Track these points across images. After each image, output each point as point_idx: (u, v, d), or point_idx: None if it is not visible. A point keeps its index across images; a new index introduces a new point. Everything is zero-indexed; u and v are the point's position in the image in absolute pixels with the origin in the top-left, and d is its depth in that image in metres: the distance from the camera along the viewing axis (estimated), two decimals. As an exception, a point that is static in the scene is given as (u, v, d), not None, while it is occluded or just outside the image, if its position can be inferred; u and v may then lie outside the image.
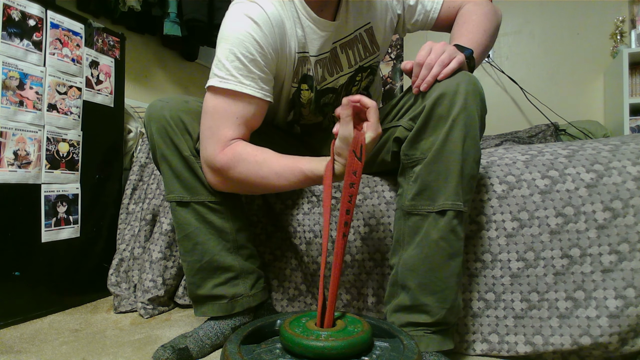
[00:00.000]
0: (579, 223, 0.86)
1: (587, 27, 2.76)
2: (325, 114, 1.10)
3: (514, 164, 0.94)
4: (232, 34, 0.85)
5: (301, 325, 0.71)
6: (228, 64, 0.84)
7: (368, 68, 1.07)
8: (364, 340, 0.67)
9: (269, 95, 0.89)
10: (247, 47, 0.84)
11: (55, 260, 1.27)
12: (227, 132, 0.85)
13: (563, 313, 0.85)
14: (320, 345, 0.63)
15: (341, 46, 1.00)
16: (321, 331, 0.68)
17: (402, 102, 0.91)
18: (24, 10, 1.17)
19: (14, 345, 1.00)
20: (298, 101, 1.03)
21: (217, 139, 0.85)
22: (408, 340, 0.71)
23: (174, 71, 2.62)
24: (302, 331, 0.68)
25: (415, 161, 0.81)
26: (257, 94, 0.86)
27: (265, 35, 0.85)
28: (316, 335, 0.66)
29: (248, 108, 0.86)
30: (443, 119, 0.76)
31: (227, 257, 0.95)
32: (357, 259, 1.05)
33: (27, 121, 1.18)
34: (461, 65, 0.80)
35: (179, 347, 0.86)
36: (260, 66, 0.86)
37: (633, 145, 0.91)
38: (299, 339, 0.65)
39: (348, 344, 0.64)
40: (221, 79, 0.84)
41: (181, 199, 0.93)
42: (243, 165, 0.84)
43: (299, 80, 0.99)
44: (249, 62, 0.84)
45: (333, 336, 0.66)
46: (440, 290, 0.79)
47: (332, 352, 0.63)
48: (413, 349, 0.67)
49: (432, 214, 0.78)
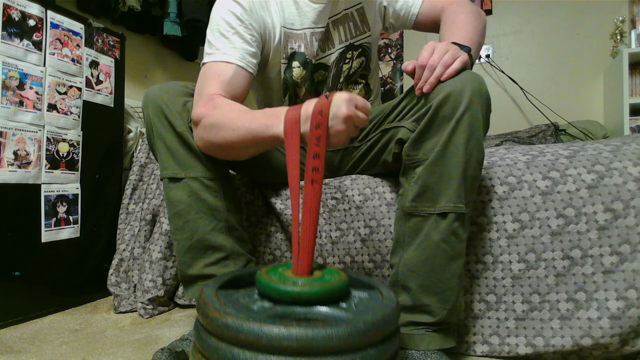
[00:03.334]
0: (580, 224, 0.86)
1: (587, 27, 2.76)
2: (319, 94, 1.10)
3: (515, 165, 0.94)
4: (216, 15, 0.95)
5: (278, 273, 0.70)
6: (214, 40, 0.94)
7: (359, 47, 1.10)
8: (339, 288, 0.66)
9: (252, 67, 0.94)
10: (228, 22, 0.93)
11: (55, 260, 1.27)
12: (211, 88, 0.89)
13: (564, 314, 0.85)
14: (296, 290, 0.63)
15: (333, 22, 1.06)
16: (297, 278, 0.68)
17: (403, 102, 0.90)
18: (24, 10, 1.17)
19: (14, 345, 1.00)
20: (291, 80, 1.06)
21: (202, 96, 0.88)
22: (387, 291, 0.70)
23: (174, 71, 2.62)
24: (279, 278, 0.67)
25: (418, 162, 0.80)
26: (238, 62, 0.92)
27: (245, 11, 0.94)
28: (292, 282, 0.66)
29: (231, 71, 0.91)
30: (447, 120, 0.76)
31: (218, 236, 0.93)
32: (357, 261, 1.04)
33: (27, 121, 1.18)
34: (465, 65, 0.79)
35: (177, 351, 0.86)
36: (245, 38, 0.94)
37: (634, 146, 0.91)
38: (275, 284, 0.64)
39: (323, 290, 0.64)
40: (208, 55, 0.93)
41: (174, 175, 0.92)
42: (217, 110, 0.84)
43: (288, 57, 1.03)
44: (231, 35, 0.93)
45: (309, 283, 0.66)
46: (441, 292, 0.79)
47: (308, 297, 0.63)
48: (392, 299, 0.66)
49: (433, 216, 0.78)
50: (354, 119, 0.71)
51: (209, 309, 0.57)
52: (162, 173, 0.94)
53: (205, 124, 0.84)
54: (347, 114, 0.69)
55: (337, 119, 0.70)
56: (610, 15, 2.67)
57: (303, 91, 1.09)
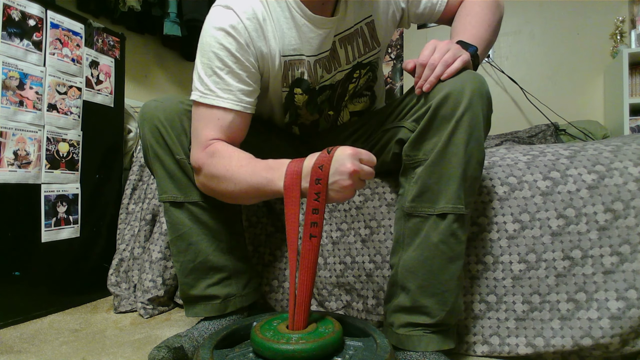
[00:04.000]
0: (580, 225, 0.86)
1: (587, 27, 2.76)
2: (322, 112, 1.07)
3: (515, 165, 0.94)
4: (207, 47, 0.85)
5: (272, 329, 0.71)
6: (207, 78, 0.85)
7: (367, 65, 1.03)
8: (334, 341, 0.67)
9: (250, 107, 0.88)
10: (222, 59, 0.83)
11: (55, 260, 1.27)
12: (209, 132, 0.84)
13: (564, 315, 0.85)
14: (290, 348, 0.64)
15: (340, 40, 0.96)
16: (292, 334, 0.68)
17: (404, 102, 0.89)
18: (24, 10, 1.17)
19: (14, 345, 0.99)
20: (292, 104, 1.00)
21: (199, 140, 0.85)
22: (381, 339, 0.71)
23: (174, 71, 2.62)
24: (273, 335, 0.68)
25: (417, 162, 0.80)
26: (235, 107, 0.85)
27: (241, 46, 0.84)
28: (286, 339, 0.66)
29: (229, 117, 0.85)
30: (447, 120, 0.75)
31: (220, 257, 0.94)
32: (357, 261, 1.04)
33: (27, 121, 1.18)
34: (466, 65, 0.78)
35: (174, 347, 0.85)
36: (240, 77, 0.85)
37: (635, 146, 0.91)
38: (269, 343, 0.65)
39: (318, 346, 0.64)
40: (201, 94, 0.85)
41: (174, 199, 0.92)
42: (215, 159, 0.82)
43: (289, 85, 0.95)
44: (225, 74, 0.84)
45: (303, 339, 0.66)
46: (440, 293, 0.78)
47: (302, 355, 0.63)
48: (385, 348, 0.67)
49: (432, 217, 0.78)
50: (360, 174, 0.70)
51: None
52: (161, 196, 0.94)
53: (206, 173, 0.84)
54: (353, 170, 0.69)
55: (343, 174, 0.69)
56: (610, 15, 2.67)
57: (304, 112, 1.04)
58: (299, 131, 1.10)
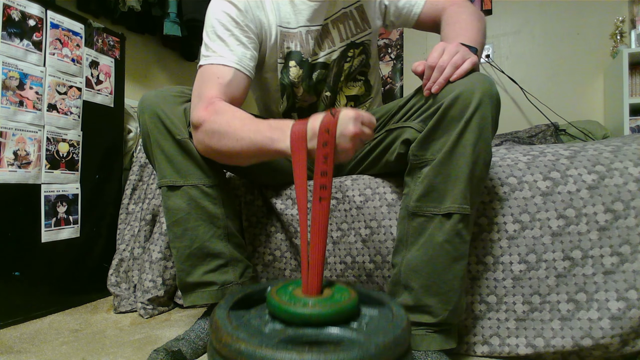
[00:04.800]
0: (581, 225, 0.86)
1: (587, 27, 2.76)
2: (319, 93, 1.09)
3: (515, 165, 0.94)
4: (211, 17, 0.94)
5: (288, 293, 0.70)
6: (211, 43, 0.92)
7: (360, 45, 1.09)
8: (350, 308, 0.66)
9: (248, 70, 0.93)
10: (223, 24, 0.92)
11: (55, 260, 1.27)
12: (210, 91, 0.88)
13: (565, 315, 0.85)
14: (307, 312, 0.63)
15: (332, 22, 1.05)
16: (308, 298, 0.68)
17: (410, 102, 0.89)
18: (24, 10, 1.17)
19: (14, 345, 0.99)
20: (288, 80, 1.04)
21: (202, 99, 0.87)
22: (397, 308, 0.70)
23: (174, 71, 2.62)
24: (289, 298, 0.68)
25: (424, 162, 0.80)
26: (235, 65, 0.91)
27: (241, 12, 0.93)
28: (303, 303, 0.66)
29: (228, 75, 0.90)
30: (456, 120, 0.75)
31: (217, 243, 0.94)
32: (358, 261, 1.04)
33: (27, 121, 1.18)
34: (474, 66, 0.79)
35: (172, 350, 0.86)
36: (241, 40, 0.93)
37: (635, 146, 0.91)
38: (286, 306, 0.65)
39: (334, 311, 0.64)
40: (205, 57, 0.92)
41: (173, 183, 0.92)
42: (218, 116, 0.84)
43: (285, 56, 1.02)
44: (227, 37, 0.92)
45: (319, 303, 0.66)
46: (443, 292, 0.78)
47: (319, 319, 0.63)
48: (402, 317, 0.66)
49: (437, 217, 0.78)
50: (361, 136, 0.72)
51: (222, 334, 0.57)
52: (160, 181, 0.94)
53: (206, 129, 0.84)
54: (355, 132, 0.70)
55: (345, 137, 0.70)
56: (610, 15, 2.67)
57: (301, 91, 1.07)
58: (298, 117, 1.11)
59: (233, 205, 1.01)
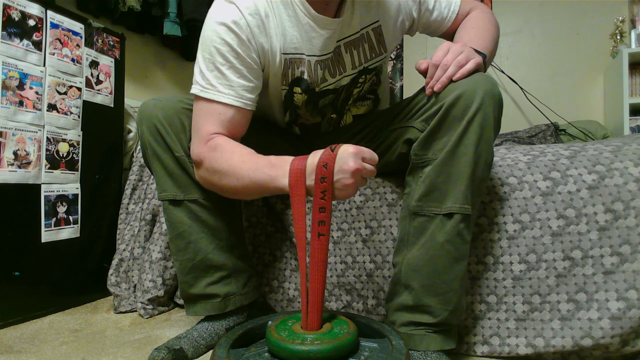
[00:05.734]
0: (581, 225, 0.86)
1: (587, 27, 2.76)
2: (324, 115, 1.07)
3: (515, 165, 0.94)
4: (209, 42, 0.85)
5: (287, 329, 0.71)
6: (208, 73, 0.85)
7: (373, 70, 1.02)
8: (349, 343, 0.67)
9: (250, 104, 0.87)
10: (223, 54, 0.83)
11: (55, 260, 1.26)
12: (210, 127, 0.84)
13: (565, 315, 0.85)
14: (306, 349, 0.64)
15: (345, 45, 0.95)
16: (307, 334, 0.68)
17: (412, 103, 0.89)
18: (24, 10, 1.17)
19: (14, 345, 0.99)
20: (292, 103, 1.00)
21: (200, 135, 0.85)
22: (397, 340, 0.71)
23: (174, 71, 2.62)
24: (288, 335, 0.68)
25: (426, 162, 0.80)
26: (236, 102, 0.85)
27: (242, 42, 0.84)
28: (301, 339, 0.66)
29: (230, 113, 0.85)
30: (458, 120, 0.75)
31: (220, 255, 0.94)
32: (358, 261, 1.04)
33: (27, 121, 1.18)
34: (478, 67, 0.79)
35: (174, 348, 0.86)
36: (241, 72, 0.85)
37: (635, 146, 0.91)
38: (284, 343, 0.66)
39: (333, 347, 0.65)
40: (202, 89, 0.85)
41: (174, 197, 0.92)
42: (217, 153, 0.82)
43: (289, 83, 0.95)
44: (226, 70, 0.84)
45: (318, 339, 0.66)
46: (443, 292, 0.78)
47: (317, 356, 0.64)
48: (401, 350, 0.67)
49: (439, 216, 0.78)
50: (362, 172, 0.71)
51: None
52: (160, 195, 0.94)
53: (207, 167, 0.84)
54: (355, 168, 0.69)
55: (345, 173, 0.70)
56: (610, 15, 2.67)
57: (304, 112, 1.04)
58: (299, 131, 1.10)
59: (235, 215, 1.01)
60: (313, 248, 0.71)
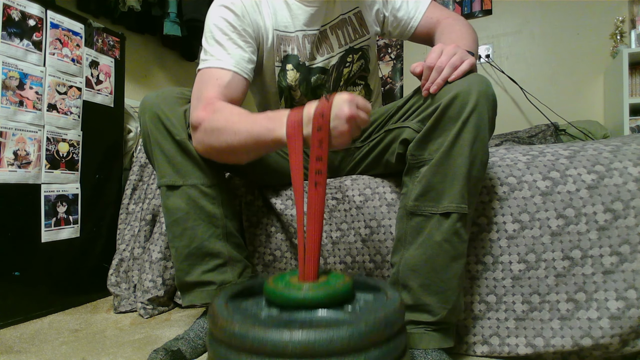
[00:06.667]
0: (580, 225, 0.86)
1: (587, 27, 2.76)
2: (318, 98, 1.08)
3: (515, 165, 0.94)
4: (209, 23, 0.95)
5: (285, 281, 0.72)
6: (209, 47, 0.94)
7: (359, 50, 1.10)
8: (343, 291, 0.67)
9: (246, 73, 0.94)
10: (221, 29, 0.94)
11: (55, 260, 1.27)
12: (209, 92, 0.89)
13: (564, 315, 0.85)
14: (301, 295, 0.64)
15: (331, 28, 1.06)
16: (302, 284, 0.69)
17: (409, 103, 0.90)
18: (24, 10, 1.17)
19: (14, 345, 1.00)
20: (285, 84, 1.05)
21: (201, 100, 0.88)
22: (392, 292, 0.71)
23: (174, 71, 2.62)
24: (285, 285, 0.69)
25: (422, 162, 0.81)
26: (233, 67, 0.92)
27: (238, 17, 0.94)
28: (297, 288, 0.67)
29: (227, 77, 0.91)
30: (453, 120, 0.76)
31: (216, 243, 0.94)
32: (358, 261, 1.04)
33: (27, 121, 1.18)
34: (472, 67, 0.79)
35: (172, 350, 0.86)
36: (238, 44, 0.94)
37: (634, 146, 0.91)
38: (280, 291, 0.66)
39: (327, 294, 0.65)
40: (204, 61, 0.93)
41: (173, 183, 0.93)
42: (217, 114, 0.84)
43: (281, 60, 1.04)
44: (225, 41, 0.93)
45: (313, 288, 0.67)
46: (442, 291, 0.79)
47: (312, 302, 0.64)
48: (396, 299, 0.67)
49: (435, 216, 0.78)
50: (356, 119, 0.71)
51: (218, 319, 0.58)
52: (160, 181, 0.94)
53: (205, 128, 0.85)
54: (350, 114, 0.70)
55: (340, 119, 0.70)
56: (610, 15, 2.67)
57: (299, 94, 1.08)
58: None
59: (232, 205, 1.01)
60: (310, 197, 0.70)
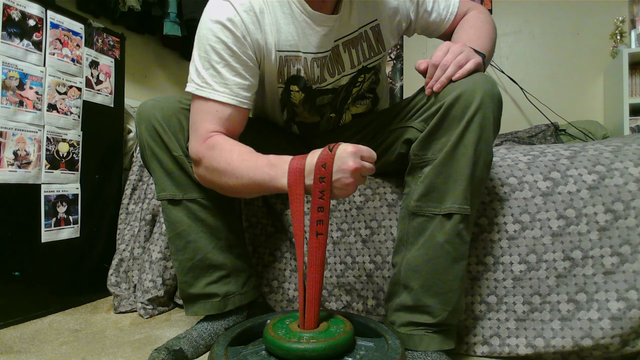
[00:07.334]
0: (581, 225, 0.86)
1: (587, 27, 2.76)
2: (323, 114, 1.07)
3: (515, 165, 0.94)
4: (204, 40, 0.84)
5: (284, 327, 0.72)
6: (204, 71, 0.84)
7: (372, 69, 1.02)
8: (345, 341, 0.67)
9: (247, 102, 0.87)
10: (218, 52, 0.83)
11: (55, 260, 1.26)
12: (208, 125, 0.84)
13: (565, 315, 0.85)
14: (301, 347, 0.64)
15: (344, 44, 0.95)
16: (303, 333, 0.69)
17: (412, 103, 0.89)
18: (24, 10, 1.17)
19: (14, 345, 0.99)
20: (289, 101, 1.00)
21: (198, 133, 0.85)
22: (393, 339, 0.71)
23: (174, 71, 2.62)
24: (285, 333, 0.69)
25: (425, 162, 0.80)
26: (232, 101, 0.85)
27: (237, 39, 0.84)
28: (298, 337, 0.67)
29: (227, 111, 0.85)
30: (457, 120, 0.75)
31: (219, 255, 0.94)
32: (358, 261, 1.04)
33: (27, 121, 1.18)
34: (478, 67, 0.79)
35: (174, 349, 0.86)
36: (237, 70, 0.85)
37: (635, 147, 0.91)
38: (281, 341, 0.66)
39: (328, 345, 0.65)
40: (197, 87, 0.85)
41: (173, 197, 0.92)
42: (216, 152, 0.82)
43: (285, 81, 0.95)
44: (222, 68, 0.84)
45: (314, 338, 0.67)
46: (443, 293, 0.78)
47: (313, 354, 0.64)
48: (397, 349, 0.67)
49: (438, 217, 0.78)
50: (361, 171, 0.71)
51: None
52: (159, 194, 0.94)
53: (206, 166, 0.84)
54: (355, 168, 0.70)
55: (344, 172, 0.70)
56: (610, 15, 2.67)
57: (302, 111, 1.04)
58: (298, 130, 1.10)
59: (234, 215, 1.01)
60: (311, 247, 0.71)
